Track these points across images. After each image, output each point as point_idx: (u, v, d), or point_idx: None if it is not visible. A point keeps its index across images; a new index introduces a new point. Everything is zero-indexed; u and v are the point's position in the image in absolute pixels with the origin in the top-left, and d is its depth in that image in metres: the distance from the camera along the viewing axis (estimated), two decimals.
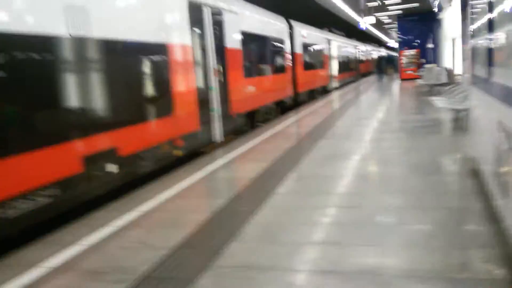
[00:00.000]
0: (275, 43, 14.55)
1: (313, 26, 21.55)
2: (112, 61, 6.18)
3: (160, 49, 7.32)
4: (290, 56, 16.31)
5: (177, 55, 7.85)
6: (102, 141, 5.84)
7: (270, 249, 3.83)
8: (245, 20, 11.64)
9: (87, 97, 5.69)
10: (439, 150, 7.06)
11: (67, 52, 5.30)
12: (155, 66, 7.24)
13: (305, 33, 18.95)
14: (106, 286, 3.39)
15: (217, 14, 9.69)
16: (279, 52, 15.01)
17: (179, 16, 8.07)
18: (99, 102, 5.93)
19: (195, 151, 8.66)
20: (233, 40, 10.58)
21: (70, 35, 5.28)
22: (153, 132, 7.07)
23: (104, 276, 3.57)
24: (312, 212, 4.65)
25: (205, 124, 8.90)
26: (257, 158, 7.77)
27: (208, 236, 4.23)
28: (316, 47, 21.23)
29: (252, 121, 12.30)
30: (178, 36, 7.95)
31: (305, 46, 18.77)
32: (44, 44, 4.95)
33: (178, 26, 8.02)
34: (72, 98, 5.42)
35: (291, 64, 16.39)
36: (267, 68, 13.56)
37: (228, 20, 10.24)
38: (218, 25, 9.80)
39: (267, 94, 13.26)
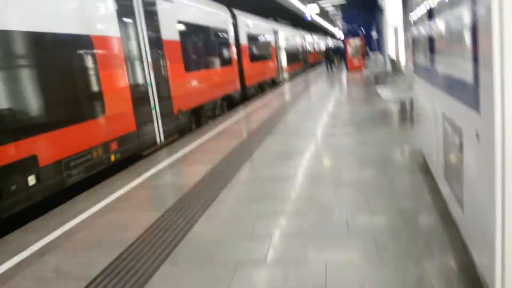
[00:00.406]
0: (218, 34, 13.92)
1: (259, 16, 21.12)
2: (23, 57, 5.43)
3: (84, 41, 6.57)
4: (235, 48, 15.76)
5: (105, 48, 7.12)
6: (15, 150, 5.10)
7: (204, 272, 3.35)
8: (183, 10, 10.96)
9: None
10: (388, 144, 6.85)
11: None
12: (79, 61, 6.50)
13: (250, 23, 18.44)
14: None
15: (150, 3, 8.96)
16: (223, 43, 14.40)
17: (104, 5, 7.32)
18: (11, 104, 5.17)
19: (134, 154, 7.99)
20: (170, 31, 9.88)
21: None
22: (80, 136, 6.35)
23: None
24: (255, 222, 4.21)
25: (143, 124, 8.23)
26: (200, 160, 7.24)
27: (136, 260, 3.68)
28: (263, 38, 20.81)
29: (197, 118, 11.70)
30: (104, 27, 7.21)
31: (251, 37, 18.27)
32: None
33: (104, 16, 7.27)
34: None
35: (236, 57, 15.84)
36: (210, 61, 12.93)
37: (163, 9, 9.53)
38: (152, 15, 9.09)
39: (212, 89, 12.66)
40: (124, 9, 7.91)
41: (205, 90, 12.00)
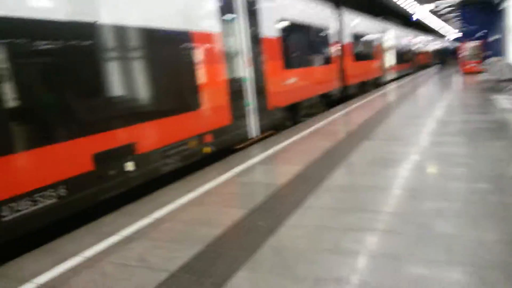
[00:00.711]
0: (321, 32, 13.56)
1: (367, 14, 20.22)
2: (126, 51, 5.70)
3: (185, 37, 6.73)
4: (338, 46, 15.26)
5: (204, 44, 7.23)
6: (116, 137, 5.37)
7: (280, 285, 3.14)
8: (286, 6, 10.80)
9: (99, 88, 5.24)
10: (505, 160, 6.00)
11: (69, 39, 4.82)
12: (179, 56, 6.67)
13: (356, 21, 17.73)
14: None
15: (252, 1, 8.95)
16: (325, 41, 14.01)
17: (207, 2, 7.42)
18: (115, 95, 5.46)
19: (227, 147, 8.08)
20: (271, 28, 9.81)
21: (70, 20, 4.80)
22: (177, 127, 6.53)
23: None
24: (342, 236, 3.90)
25: (238, 118, 8.27)
26: (291, 160, 7.05)
27: (214, 260, 3.61)
28: (368, 37, 19.90)
29: (294, 115, 11.53)
30: (206, 23, 7.32)
31: (356, 35, 17.56)
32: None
33: (206, 13, 7.38)
34: (81, 88, 4.98)
35: (339, 54, 15.33)
36: (311, 58, 12.65)
37: (265, 6, 9.47)
38: (254, 12, 9.07)
39: (310, 86, 12.39)
40: (225, 7, 7.98)
41: (303, 87, 11.77)
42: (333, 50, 14.68)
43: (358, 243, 3.73)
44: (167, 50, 6.39)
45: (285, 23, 10.67)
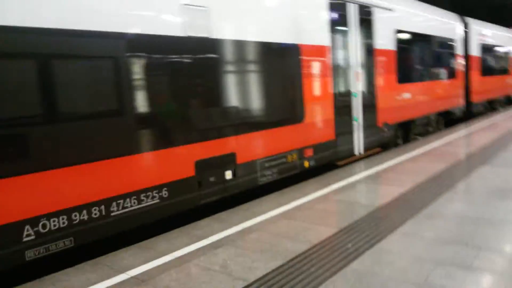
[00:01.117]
0: (443, 44, 12.63)
1: (499, 25, 18.31)
2: (237, 64, 5.97)
3: (290, 50, 6.80)
4: (462, 59, 14.04)
5: (311, 57, 7.22)
6: (217, 147, 5.65)
7: None
8: (403, 18, 10.28)
9: (210, 99, 5.57)
10: None
11: (185, 53, 5.20)
12: (285, 69, 6.77)
13: (485, 33, 16.12)
14: None
15: (365, 12, 8.70)
16: (447, 54, 13.00)
17: (316, 15, 7.40)
18: (223, 106, 5.75)
19: (329, 162, 7.95)
20: (385, 40, 9.42)
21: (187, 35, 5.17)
22: (277, 140, 6.63)
23: None
24: (433, 272, 3.56)
25: (343, 134, 8.09)
26: (394, 181, 6.67)
27: (292, 277, 3.58)
28: (500, 49, 17.95)
29: (406, 133, 10.90)
30: (314, 37, 7.31)
31: (485, 48, 15.98)
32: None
33: (315, 26, 7.36)
34: (190, 100, 5.35)
35: (463, 69, 14.10)
36: (429, 72, 11.83)
37: (379, 18, 9.13)
38: (367, 24, 8.81)
39: (427, 103, 11.59)
40: (337, 20, 7.89)
41: (419, 103, 11.07)
42: (457, 63, 13.56)
43: (450, 279, 3.38)
44: (273, 63, 6.56)
45: (401, 34, 10.18)
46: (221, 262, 3.95)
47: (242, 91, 6.07)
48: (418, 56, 11.28)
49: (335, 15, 7.86)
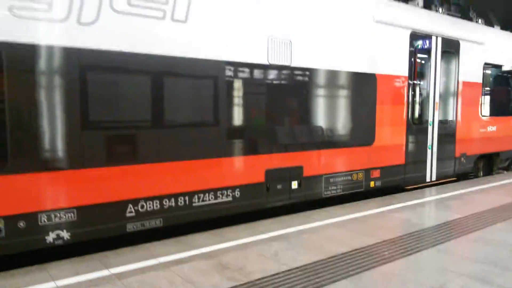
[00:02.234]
0: None
1: None
2: (308, 88, 6.82)
3: (366, 78, 7.47)
4: None
5: (386, 86, 7.80)
6: (286, 159, 6.52)
7: None
8: (494, 51, 10.26)
9: (282, 117, 6.52)
10: None
11: (269, 79, 6.23)
12: (361, 94, 7.44)
13: None
14: (220, 278, 4.01)
15: (451, 44, 9.00)
16: None
17: (394, 46, 7.96)
18: (292, 123, 6.66)
19: (396, 186, 8.36)
20: (470, 73, 9.56)
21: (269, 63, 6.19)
22: (343, 158, 7.32)
23: (226, 271, 4.20)
24: (453, 280, 4.04)
25: (413, 160, 8.46)
26: (452, 207, 6.96)
27: (327, 269, 4.31)
28: None
29: (488, 165, 10.76)
30: (390, 67, 7.87)
31: None
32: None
33: (392, 57, 7.92)
34: (269, 117, 6.33)
35: None
36: None
37: (466, 51, 9.33)
38: (452, 56, 9.09)
39: None
40: (418, 51, 8.37)
41: (506, 137, 10.85)
42: None
43: None
44: (347, 89, 7.30)
45: (489, 68, 10.21)
46: (273, 252, 4.80)
47: (316, 112, 6.90)
48: (507, 89, 11.10)
49: (416, 47, 8.35)
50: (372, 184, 7.80)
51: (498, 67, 10.59)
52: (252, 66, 6.02)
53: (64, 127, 4.55)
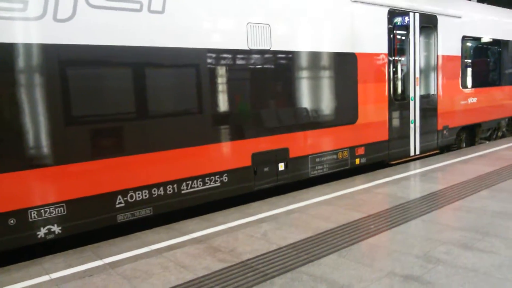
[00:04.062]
0: None
1: None
2: (300, 71, 6.86)
3: (346, 58, 7.54)
4: None
5: (367, 64, 7.88)
6: (271, 142, 6.60)
7: (356, 271, 3.77)
8: (471, 24, 10.39)
9: (264, 101, 6.57)
10: None
11: (248, 63, 6.26)
12: (341, 74, 7.52)
13: None
14: (212, 260, 4.11)
15: (429, 20, 9.10)
16: None
17: (373, 25, 8.02)
18: (276, 107, 6.72)
19: (381, 161, 8.51)
20: (449, 46, 9.69)
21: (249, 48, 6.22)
22: (329, 138, 7.42)
23: (218, 253, 4.30)
24: (436, 247, 4.20)
25: (396, 135, 8.61)
26: (437, 179, 7.14)
27: (316, 244, 4.44)
28: None
29: (470, 136, 10.99)
30: (370, 45, 7.95)
31: None
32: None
33: (371, 35, 7.99)
34: (252, 101, 6.38)
35: None
36: (499, 78, 11.71)
37: (444, 25, 9.44)
38: (430, 31, 9.20)
39: (496, 108, 11.51)
40: (397, 28, 8.44)
41: (486, 108, 11.06)
42: None
43: (448, 255, 4.01)
44: (328, 70, 7.37)
45: (468, 41, 10.35)
46: (262, 232, 4.91)
47: (298, 94, 6.96)
48: (486, 61, 11.28)
49: (394, 24, 8.42)
50: (357, 161, 7.94)
51: (477, 39, 10.74)
52: (233, 52, 6.04)
53: (48, 124, 4.56)
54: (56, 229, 4.68)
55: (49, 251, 4.80)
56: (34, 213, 4.53)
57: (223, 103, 6.02)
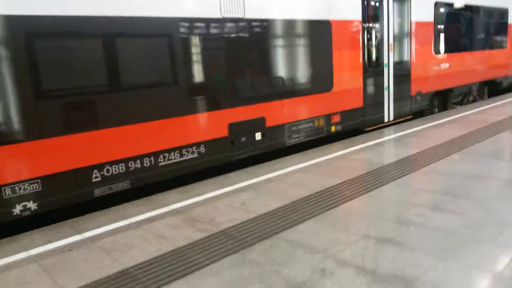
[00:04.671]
0: (490, 14, 12.52)
1: None
2: (272, 40, 6.79)
3: (320, 26, 7.50)
4: None
5: (341, 31, 7.86)
6: (248, 112, 6.60)
7: (332, 235, 3.90)
8: None
9: (239, 71, 6.52)
10: None
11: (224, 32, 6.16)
12: (315, 42, 7.49)
13: None
14: (191, 231, 4.16)
15: None
16: (495, 24, 12.87)
17: None
18: (250, 76, 6.68)
19: (356, 128, 8.64)
20: (422, 13, 9.73)
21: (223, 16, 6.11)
22: (305, 106, 7.46)
23: (197, 224, 4.35)
24: (409, 210, 4.36)
25: (371, 102, 8.73)
26: (411, 144, 7.32)
27: (293, 211, 4.54)
28: None
29: (443, 102, 11.23)
30: (344, 12, 7.91)
31: None
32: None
33: (346, 2, 7.94)
34: (226, 71, 6.32)
35: None
36: (471, 43, 11.89)
37: None
38: None
39: (467, 73, 11.73)
40: None
41: (456, 73, 11.27)
42: (507, 33, 13.36)
43: (419, 217, 4.18)
44: (303, 38, 7.33)
45: (441, 6, 10.40)
46: (241, 201, 4.98)
47: (274, 63, 6.93)
48: (459, 27, 11.40)
49: None
50: (333, 129, 8.05)
51: (449, 5, 10.80)
52: (206, 21, 5.93)
53: (18, 98, 4.43)
54: (32, 205, 4.63)
55: (28, 228, 4.76)
56: (8, 190, 4.45)
57: (198, 74, 5.95)
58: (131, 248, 3.92)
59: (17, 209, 4.54)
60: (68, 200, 4.92)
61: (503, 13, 13.11)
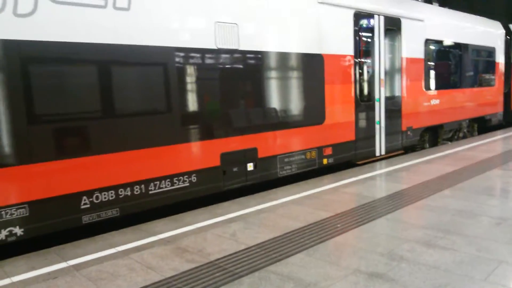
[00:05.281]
0: (478, 52, 12.88)
1: None
2: (259, 70, 6.89)
3: (313, 59, 7.64)
4: (502, 67, 14.14)
5: (333, 65, 8.01)
6: (240, 142, 6.61)
7: (323, 269, 3.84)
8: (434, 27, 10.74)
9: (232, 101, 6.57)
10: None
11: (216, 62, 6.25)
12: (308, 75, 7.61)
13: None
14: (180, 261, 4.08)
15: (393, 22, 9.35)
16: (485, 62, 13.23)
17: (339, 27, 8.15)
18: (244, 107, 6.74)
19: (349, 161, 8.68)
20: (412, 49, 9.98)
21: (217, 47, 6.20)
22: (301, 139, 7.50)
23: (186, 254, 4.28)
24: (400, 245, 4.33)
25: (363, 136, 8.80)
26: (401, 178, 7.35)
27: (283, 244, 4.48)
28: None
29: (433, 137, 11.37)
30: (336, 46, 8.08)
31: None
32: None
33: (338, 37, 8.12)
34: (220, 101, 6.36)
35: (502, 77, 14.20)
36: (460, 80, 12.17)
37: (407, 28, 9.71)
38: (394, 34, 9.45)
39: (458, 109, 11.95)
40: (362, 31, 8.63)
41: (447, 110, 11.46)
42: (495, 72, 13.71)
43: (411, 252, 4.14)
44: (296, 70, 7.45)
45: (431, 43, 10.69)
46: (231, 232, 4.92)
47: (266, 95, 7.01)
48: (449, 64, 11.69)
49: (360, 26, 8.59)
50: (325, 161, 8.07)
51: (439, 42, 11.11)
52: (200, 51, 6.02)
53: (9, 123, 4.41)
54: (18, 231, 4.53)
55: (12, 254, 4.63)
56: None
57: (191, 103, 5.99)
58: (117, 277, 3.82)
59: (2, 234, 4.44)
60: (56, 226, 4.83)
61: (490, 52, 13.49)
